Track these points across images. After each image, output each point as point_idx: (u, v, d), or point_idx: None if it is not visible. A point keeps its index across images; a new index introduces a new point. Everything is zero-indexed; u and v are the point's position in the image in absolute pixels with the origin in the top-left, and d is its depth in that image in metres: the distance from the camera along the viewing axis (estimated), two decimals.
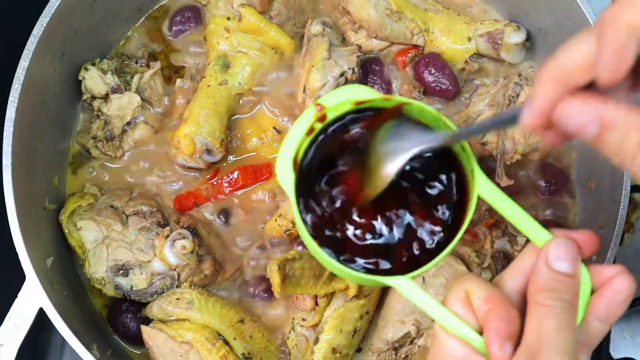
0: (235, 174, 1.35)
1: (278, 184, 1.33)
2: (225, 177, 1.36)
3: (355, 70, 1.33)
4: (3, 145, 1.19)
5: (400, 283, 0.79)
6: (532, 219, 0.78)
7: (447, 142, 0.82)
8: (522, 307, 0.74)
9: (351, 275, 0.81)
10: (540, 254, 0.74)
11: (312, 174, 0.85)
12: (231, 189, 1.36)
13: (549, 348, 0.69)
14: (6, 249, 1.17)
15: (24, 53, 1.21)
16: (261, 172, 1.36)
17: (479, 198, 0.81)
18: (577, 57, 0.70)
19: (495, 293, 0.73)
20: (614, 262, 1.20)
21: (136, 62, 1.39)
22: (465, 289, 0.74)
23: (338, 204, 0.84)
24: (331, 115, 0.84)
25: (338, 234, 0.84)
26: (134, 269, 1.25)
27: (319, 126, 0.84)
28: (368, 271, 0.82)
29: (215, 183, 1.36)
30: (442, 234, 0.84)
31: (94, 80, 1.33)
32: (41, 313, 1.16)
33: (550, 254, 0.73)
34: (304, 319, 1.25)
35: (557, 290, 0.71)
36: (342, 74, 1.32)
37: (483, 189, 0.81)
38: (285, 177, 0.82)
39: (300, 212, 0.83)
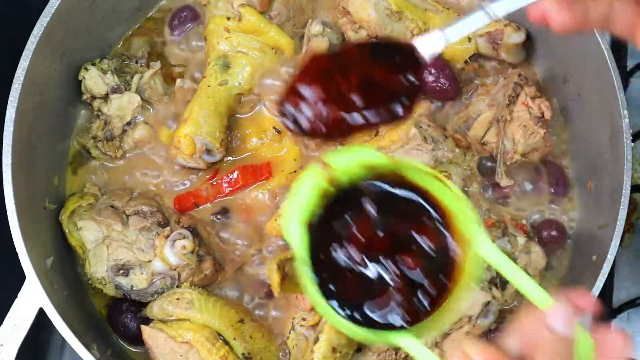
0: (235, 174, 1.35)
1: (278, 183, 1.35)
2: (225, 177, 1.36)
3: None
4: (3, 145, 1.19)
5: (406, 341, 0.80)
6: (533, 281, 0.81)
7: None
8: None
9: (355, 332, 0.81)
10: (540, 317, 0.78)
11: (319, 230, 0.85)
12: (231, 189, 1.36)
13: None
14: (6, 249, 1.17)
15: (24, 53, 1.21)
16: (261, 172, 1.36)
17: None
18: None
19: (489, 346, 0.78)
20: (614, 262, 1.20)
21: (136, 62, 1.39)
22: (462, 351, 0.78)
23: (344, 255, 0.85)
24: (342, 178, 0.84)
25: (342, 287, 0.84)
26: (135, 269, 1.25)
27: (330, 188, 0.84)
28: (370, 325, 0.82)
29: (215, 183, 1.36)
30: (436, 289, 0.84)
31: (94, 80, 1.33)
32: (41, 313, 1.15)
33: (550, 318, 0.77)
34: (304, 319, 1.25)
35: (557, 351, 0.75)
36: None
37: (483, 248, 0.82)
38: (293, 234, 0.82)
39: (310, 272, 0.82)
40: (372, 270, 0.84)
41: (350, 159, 0.84)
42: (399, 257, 0.84)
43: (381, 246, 0.85)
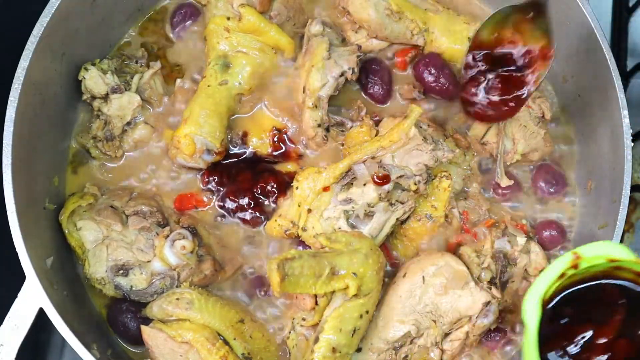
0: None
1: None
2: None
3: (355, 70, 1.33)
4: (3, 145, 1.19)
5: None
6: None
7: None
8: None
9: None
10: None
11: (555, 314, 0.89)
12: None
13: None
14: (6, 249, 1.17)
15: (24, 53, 1.21)
16: None
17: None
18: None
19: None
20: None
21: (136, 62, 1.39)
22: None
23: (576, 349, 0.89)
24: (583, 265, 0.88)
25: None
26: (134, 269, 1.25)
27: (570, 272, 0.88)
28: None
29: None
30: None
31: (94, 80, 1.33)
32: (41, 313, 1.16)
33: None
34: (304, 319, 1.25)
35: None
36: (342, 74, 1.32)
37: None
38: (531, 312, 0.85)
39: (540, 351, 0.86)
40: None
41: (601, 252, 0.88)
42: None
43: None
